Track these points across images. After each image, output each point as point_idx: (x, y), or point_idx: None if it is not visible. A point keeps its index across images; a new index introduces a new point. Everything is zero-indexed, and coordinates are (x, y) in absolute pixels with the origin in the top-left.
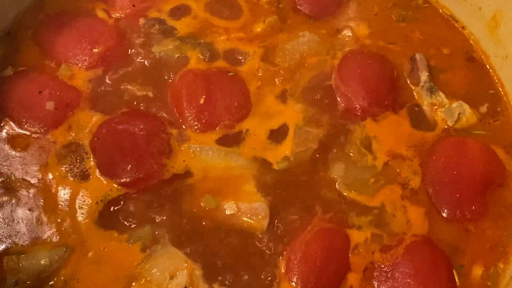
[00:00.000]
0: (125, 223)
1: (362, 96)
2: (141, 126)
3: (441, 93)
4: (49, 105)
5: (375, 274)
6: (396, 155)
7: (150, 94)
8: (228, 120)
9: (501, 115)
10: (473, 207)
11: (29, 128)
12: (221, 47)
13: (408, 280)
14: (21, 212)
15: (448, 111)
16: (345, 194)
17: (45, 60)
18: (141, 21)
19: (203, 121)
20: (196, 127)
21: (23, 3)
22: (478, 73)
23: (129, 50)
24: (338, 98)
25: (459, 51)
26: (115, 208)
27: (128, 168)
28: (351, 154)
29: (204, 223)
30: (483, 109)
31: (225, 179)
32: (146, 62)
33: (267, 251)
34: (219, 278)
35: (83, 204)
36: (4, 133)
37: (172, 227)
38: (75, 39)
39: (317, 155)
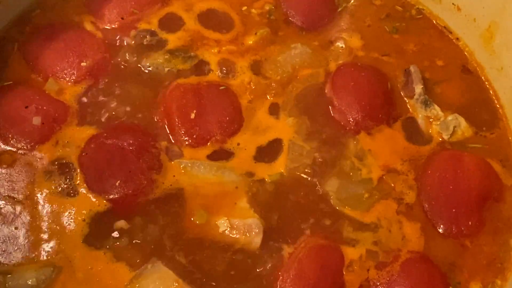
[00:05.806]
0: (114, 241)
1: (355, 109)
2: (130, 141)
3: (436, 106)
4: (36, 120)
5: None
6: (391, 170)
7: (140, 109)
8: (219, 135)
9: (497, 128)
10: (470, 222)
11: (16, 144)
12: (212, 60)
13: None
14: (7, 231)
15: (443, 124)
16: (339, 209)
17: (31, 74)
18: (132, 33)
19: (194, 136)
20: (187, 142)
21: (9, 16)
22: (473, 85)
23: (118, 64)
24: (331, 111)
25: (454, 63)
26: (103, 225)
27: (117, 184)
28: (345, 168)
29: (195, 241)
30: (479, 121)
31: (217, 195)
32: (135, 76)
33: (260, 269)
34: None
35: (71, 222)
36: None
37: (162, 245)
38: (62, 52)
39: (311, 170)
